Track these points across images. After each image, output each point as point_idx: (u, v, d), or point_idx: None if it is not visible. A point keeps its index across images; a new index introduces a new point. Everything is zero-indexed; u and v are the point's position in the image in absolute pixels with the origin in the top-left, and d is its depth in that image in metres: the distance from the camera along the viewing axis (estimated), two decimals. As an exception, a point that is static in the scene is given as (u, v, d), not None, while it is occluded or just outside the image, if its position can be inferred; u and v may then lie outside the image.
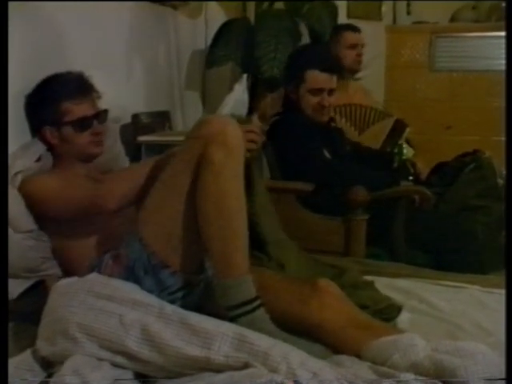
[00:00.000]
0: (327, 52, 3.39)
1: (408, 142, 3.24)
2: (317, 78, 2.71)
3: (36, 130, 2.04)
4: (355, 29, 3.70)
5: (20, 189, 1.89)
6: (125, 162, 2.49)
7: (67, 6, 2.33)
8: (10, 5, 1.58)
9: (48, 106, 1.98)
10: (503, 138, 1.62)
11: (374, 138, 3.27)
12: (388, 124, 3.35)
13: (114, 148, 2.38)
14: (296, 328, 1.61)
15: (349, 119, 3.45)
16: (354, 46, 3.62)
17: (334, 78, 2.77)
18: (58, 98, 1.97)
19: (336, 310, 1.61)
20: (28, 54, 2.10)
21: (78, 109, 1.97)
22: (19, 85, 1.99)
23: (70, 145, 2.00)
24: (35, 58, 2.15)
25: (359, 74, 3.76)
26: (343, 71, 3.43)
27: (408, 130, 3.22)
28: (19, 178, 1.92)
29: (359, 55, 3.60)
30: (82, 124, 1.97)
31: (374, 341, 1.48)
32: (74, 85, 1.98)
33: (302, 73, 2.71)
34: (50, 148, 2.05)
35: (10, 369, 1.43)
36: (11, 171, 1.92)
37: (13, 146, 1.90)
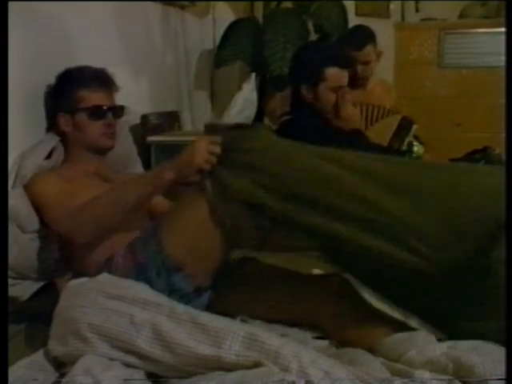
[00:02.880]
0: (340, 48, 3.38)
1: (418, 139, 3.22)
2: (337, 75, 2.69)
3: (52, 118, 2.08)
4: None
5: (25, 188, 1.91)
6: (137, 160, 2.50)
7: (71, 6, 2.33)
8: (10, 5, 1.59)
9: (65, 94, 2.03)
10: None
11: (379, 135, 3.25)
12: (394, 121, 3.32)
13: (126, 143, 2.39)
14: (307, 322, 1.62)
15: None
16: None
17: (348, 73, 2.77)
18: (76, 85, 2.01)
19: (347, 303, 1.61)
20: (30, 55, 2.10)
21: (93, 97, 2.00)
22: (19, 86, 2.00)
23: (83, 133, 2.02)
24: (38, 60, 2.16)
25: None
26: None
27: (415, 126, 3.19)
28: (27, 177, 1.93)
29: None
30: (96, 113, 2.00)
31: (388, 336, 1.48)
32: (93, 75, 2.02)
33: (321, 71, 2.69)
34: (63, 138, 2.07)
35: (22, 369, 1.45)
36: (20, 171, 1.94)
37: (15, 146, 1.90)
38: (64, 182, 1.93)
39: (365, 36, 3.44)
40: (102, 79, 2.04)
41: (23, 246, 1.85)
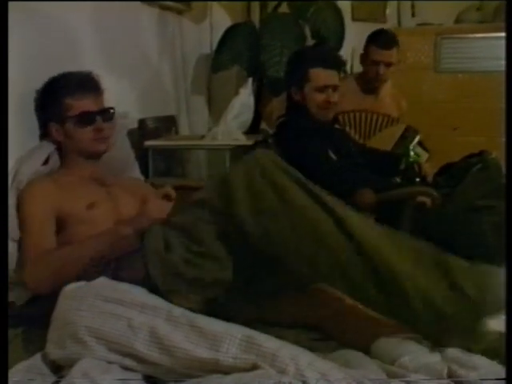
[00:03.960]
0: (328, 50, 3.40)
1: (423, 146, 3.23)
2: (321, 75, 2.72)
3: (44, 126, 2.08)
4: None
5: (18, 196, 1.92)
6: (134, 164, 2.50)
7: (71, 6, 2.34)
8: (10, 5, 1.59)
9: (53, 103, 2.02)
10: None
11: (382, 143, 3.27)
12: (398, 131, 3.34)
13: (123, 147, 2.39)
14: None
15: (353, 126, 3.45)
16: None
17: (337, 74, 2.78)
18: (62, 94, 2.00)
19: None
20: (30, 55, 2.11)
21: (79, 104, 2.00)
22: (20, 87, 2.01)
23: (74, 141, 2.02)
24: (38, 60, 2.16)
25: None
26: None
27: (418, 136, 3.20)
28: (24, 183, 1.94)
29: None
30: (84, 119, 2.00)
31: (383, 338, 1.49)
32: (77, 82, 2.01)
33: (306, 72, 2.72)
34: (58, 146, 2.08)
35: (20, 373, 1.45)
36: (17, 177, 1.94)
37: (15, 147, 1.90)
38: (59, 189, 1.93)
39: (393, 38, 3.45)
40: (87, 85, 2.03)
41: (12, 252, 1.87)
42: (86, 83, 2.04)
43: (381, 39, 3.41)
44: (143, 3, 3.06)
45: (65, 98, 2.00)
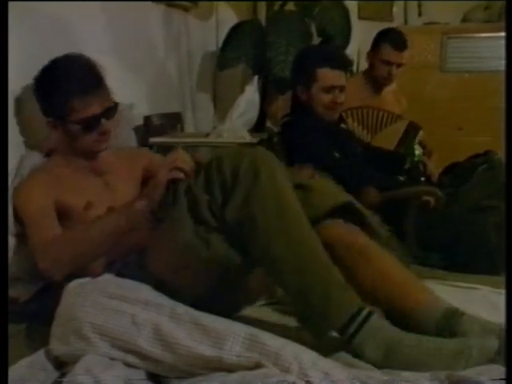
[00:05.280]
0: (336, 50, 3.39)
1: (421, 143, 3.23)
2: (328, 75, 2.71)
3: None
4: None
5: (13, 192, 1.87)
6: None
7: (71, 6, 2.34)
8: (10, 5, 1.59)
9: (54, 99, 1.84)
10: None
11: (386, 141, 3.26)
12: (401, 127, 3.34)
13: (129, 139, 2.38)
14: None
15: (361, 122, 3.45)
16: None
17: (344, 74, 2.77)
18: (66, 92, 1.81)
19: None
20: (29, 55, 2.10)
21: (85, 109, 1.81)
22: (19, 87, 1.99)
23: (74, 140, 1.88)
24: (37, 61, 2.14)
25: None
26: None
27: (421, 132, 3.20)
28: (25, 177, 1.93)
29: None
30: (89, 124, 1.83)
31: None
32: (83, 80, 1.82)
33: (313, 71, 2.71)
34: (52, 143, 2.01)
35: (23, 368, 1.45)
36: (19, 171, 1.94)
37: (15, 147, 1.89)
38: (55, 182, 1.86)
39: (405, 39, 3.44)
40: (93, 84, 1.84)
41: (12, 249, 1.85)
42: (93, 82, 1.84)
43: (396, 40, 3.39)
44: (149, 1, 3.06)
45: (70, 99, 1.80)
